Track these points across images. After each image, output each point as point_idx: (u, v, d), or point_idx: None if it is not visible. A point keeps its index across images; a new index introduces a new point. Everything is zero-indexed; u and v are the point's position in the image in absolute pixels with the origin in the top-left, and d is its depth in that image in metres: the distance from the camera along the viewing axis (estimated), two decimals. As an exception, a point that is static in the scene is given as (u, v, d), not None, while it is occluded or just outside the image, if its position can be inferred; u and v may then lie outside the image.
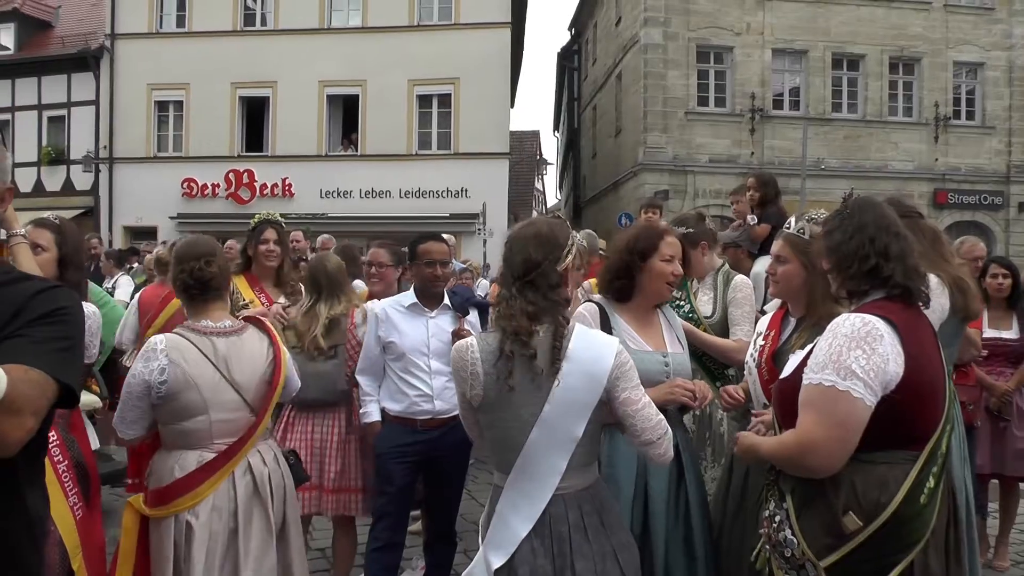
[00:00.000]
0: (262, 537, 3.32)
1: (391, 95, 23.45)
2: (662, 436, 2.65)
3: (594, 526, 2.71)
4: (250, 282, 5.17)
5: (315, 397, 4.54)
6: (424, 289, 4.49)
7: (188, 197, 24.53)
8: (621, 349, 2.70)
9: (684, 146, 23.41)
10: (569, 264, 2.76)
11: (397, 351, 4.42)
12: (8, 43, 27.20)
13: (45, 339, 1.77)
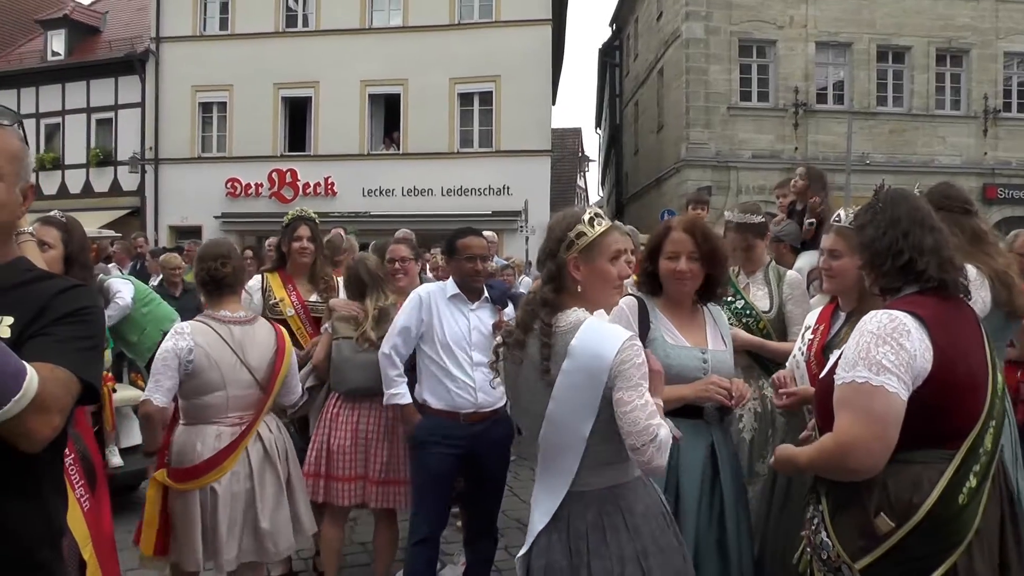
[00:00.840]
0: (275, 492, 3.99)
1: (432, 93, 23.95)
2: (646, 444, 2.53)
3: (614, 527, 2.69)
4: (283, 280, 5.27)
5: (363, 385, 4.72)
6: (465, 284, 4.52)
7: (232, 197, 25.35)
8: (627, 346, 2.61)
9: (727, 142, 23.49)
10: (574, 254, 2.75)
11: (439, 341, 4.43)
12: (59, 48, 28.40)
13: (69, 338, 1.86)
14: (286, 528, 4.02)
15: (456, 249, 4.52)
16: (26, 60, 29.14)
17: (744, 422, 4.32)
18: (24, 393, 1.66)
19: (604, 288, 2.81)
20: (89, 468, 3.41)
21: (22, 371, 1.67)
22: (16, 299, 1.88)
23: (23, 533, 1.87)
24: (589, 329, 2.68)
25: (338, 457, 4.72)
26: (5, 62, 29.45)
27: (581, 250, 2.75)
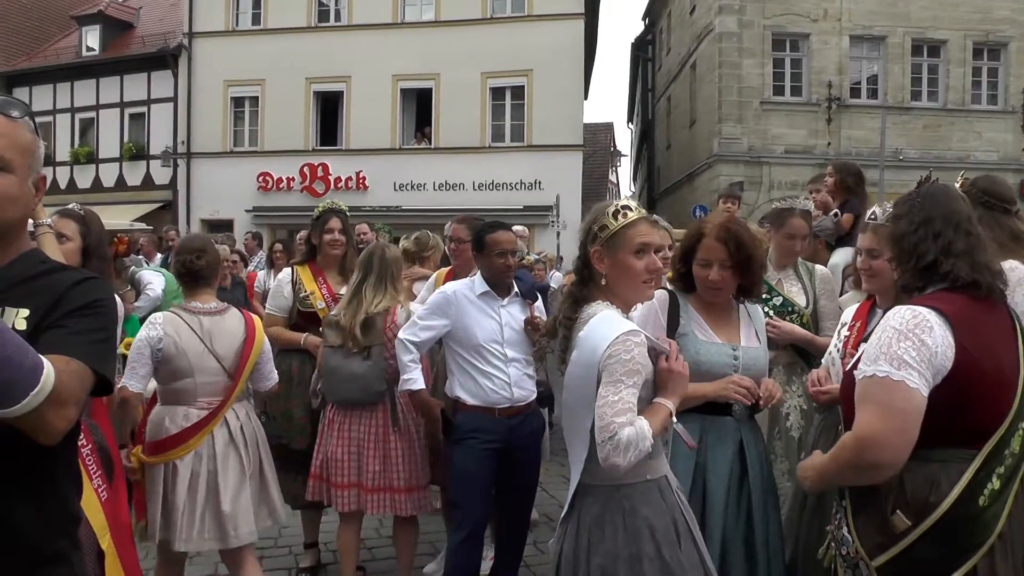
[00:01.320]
0: (237, 477, 4.18)
1: (464, 88, 24.17)
2: (604, 440, 2.54)
3: (614, 525, 2.70)
4: (313, 272, 5.34)
5: (351, 398, 4.71)
6: (494, 280, 4.48)
7: (263, 191, 25.79)
8: (618, 339, 2.62)
9: (759, 137, 23.55)
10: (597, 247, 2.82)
11: (471, 342, 4.41)
12: (93, 44, 29.08)
13: (83, 330, 1.89)
14: (246, 514, 4.18)
15: (485, 244, 4.46)
16: (62, 55, 29.84)
17: (791, 420, 4.33)
18: (42, 387, 1.68)
19: (629, 282, 2.81)
20: (106, 458, 3.47)
21: (39, 366, 1.69)
22: (31, 291, 1.92)
23: (39, 523, 1.90)
24: (595, 322, 2.73)
25: (333, 464, 4.76)
26: (41, 58, 30.19)
27: (604, 242, 2.79)
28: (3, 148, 1.90)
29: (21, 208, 1.98)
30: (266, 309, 5.46)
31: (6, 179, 1.90)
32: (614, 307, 2.80)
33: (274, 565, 5.60)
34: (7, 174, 1.90)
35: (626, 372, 2.58)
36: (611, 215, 2.80)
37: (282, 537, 6.09)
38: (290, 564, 5.64)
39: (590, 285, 2.86)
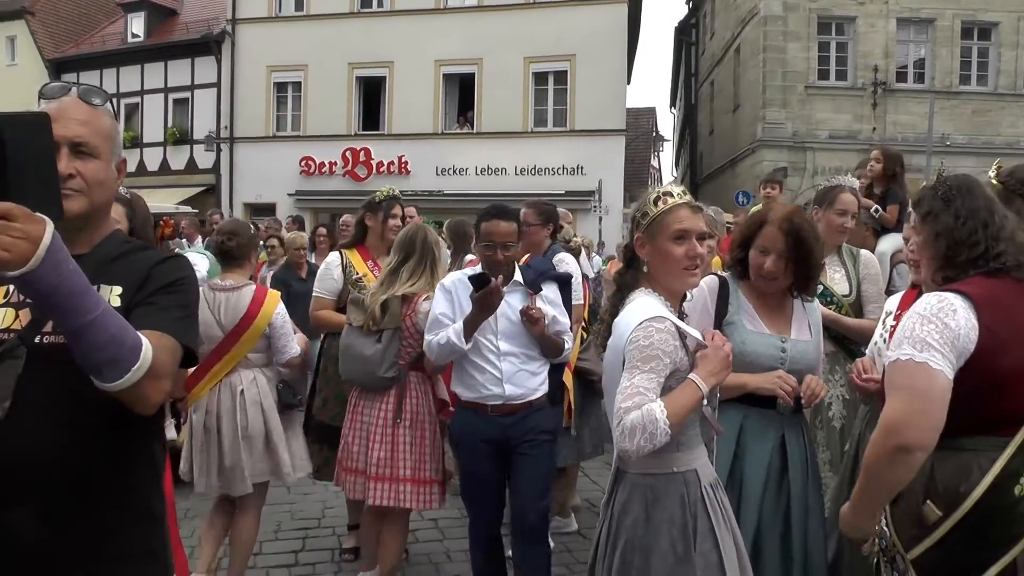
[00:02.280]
0: (232, 434, 4.64)
1: (507, 73, 24.58)
2: (615, 427, 2.59)
3: (635, 515, 2.72)
4: (363, 255, 5.38)
5: (357, 380, 4.76)
6: (490, 271, 4.20)
7: (306, 175, 26.52)
8: (641, 325, 2.64)
9: (803, 122, 23.55)
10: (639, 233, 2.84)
11: None
12: (138, 31, 30.08)
13: (171, 306, 2.01)
14: (241, 469, 4.63)
15: (478, 233, 4.32)
16: (108, 42, 30.96)
17: (834, 410, 4.27)
18: (141, 363, 1.81)
19: (669, 268, 2.79)
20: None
21: (139, 342, 1.82)
22: (120, 270, 2.04)
23: (142, 484, 2.11)
24: (627, 308, 2.77)
25: (345, 447, 4.82)
26: (88, 44, 31.28)
27: (645, 229, 2.80)
28: (89, 135, 2.01)
29: (108, 191, 2.10)
30: (315, 292, 5.44)
31: (95, 164, 2.02)
32: (656, 295, 2.80)
33: (317, 545, 5.82)
34: (94, 159, 2.02)
35: (642, 358, 2.59)
36: (652, 201, 2.81)
37: (325, 518, 6.33)
38: (333, 544, 5.80)
39: (635, 272, 2.88)
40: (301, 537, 5.94)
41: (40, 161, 1.63)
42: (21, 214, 1.56)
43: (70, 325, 1.71)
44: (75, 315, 1.69)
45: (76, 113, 1.99)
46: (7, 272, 1.58)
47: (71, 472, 1.92)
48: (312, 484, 6.39)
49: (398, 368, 4.64)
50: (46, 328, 1.93)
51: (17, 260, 1.56)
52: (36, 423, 1.89)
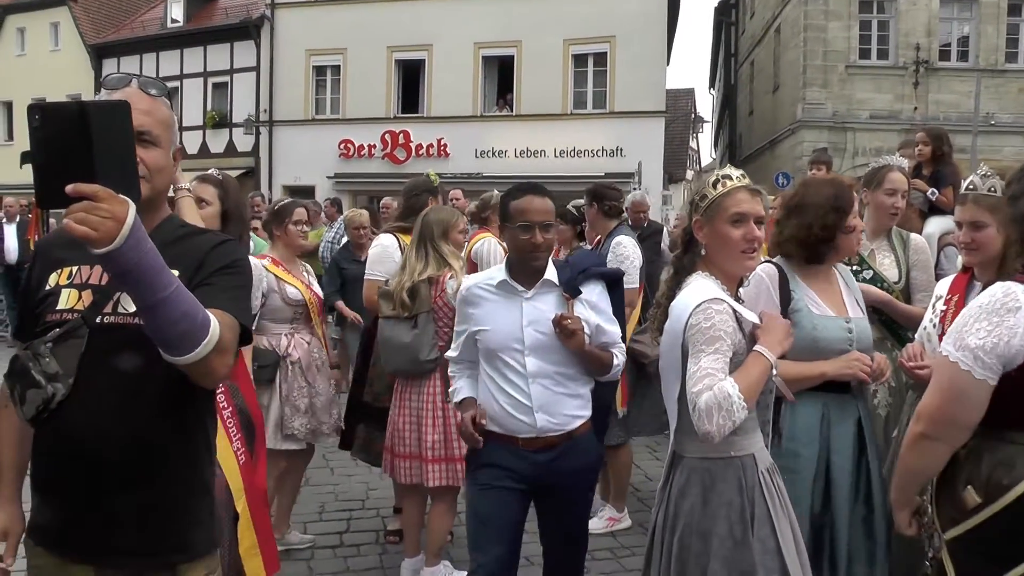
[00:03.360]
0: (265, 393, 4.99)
1: (546, 55, 24.79)
2: (691, 412, 2.56)
3: (692, 499, 2.72)
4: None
5: (402, 368, 4.78)
6: (518, 261, 3.53)
7: (345, 158, 27.06)
8: (699, 308, 2.64)
9: (844, 102, 23.50)
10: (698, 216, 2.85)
11: (486, 347, 3.53)
12: (178, 16, 30.84)
13: (229, 287, 2.13)
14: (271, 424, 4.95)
15: (509, 214, 3.51)
16: (148, 27, 31.74)
17: (879, 397, 4.20)
18: (211, 338, 1.92)
19: (727, 252, 2.78)
20: (247, 423, 3.65)
21: (208, 318, 1.93)
22: (178, 253, 2.11)
23: (196, 456, 2.27)
24: (683, 292, 2.78)
25: (397, 435, 4.82)
26: (128, 30, 32.14)
27: (703, 211, 2.81)
28: (150, 124, 2.13)
29: (166, 177, 2.24)
30: (367, 274, 5.44)
31: (155, 152, 2.15)
32: (713, 278, 2.80)
33: (362, 527, 5.92)
34: (155, 147, 2.15)
35: (706, 340, 2.60)
36: (711, 184, 2.83)
37: (369, 499, 6.44)
38: (377, 526, 5.90)
39: (692, 256, 2.90)
40: (346, 519, 6.04)
41: (121, 146, 1.73)
42: (106, 196, 1.66)
43: (147, 300, 1.82)
44: (152, 291, 1.80)
45: (138, 103, 2.07)
46: (94, 249, 1.69)
47: (131, 444, 2.08)
48: (356, 465, 6.43)
49: (438, 349, 4.62)
50: (107, 309, 2.09)
51: (104, 238, 1.66)
52: (98, 398, 2.06)
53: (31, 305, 2.21)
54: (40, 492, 2.19)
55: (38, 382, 2.01)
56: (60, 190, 1.64)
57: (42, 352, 2.04)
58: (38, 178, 1.68)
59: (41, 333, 2.10)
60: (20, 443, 2.29)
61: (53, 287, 2.16)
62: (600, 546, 5.43)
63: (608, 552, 5.45)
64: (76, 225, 1.64)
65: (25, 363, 2.04)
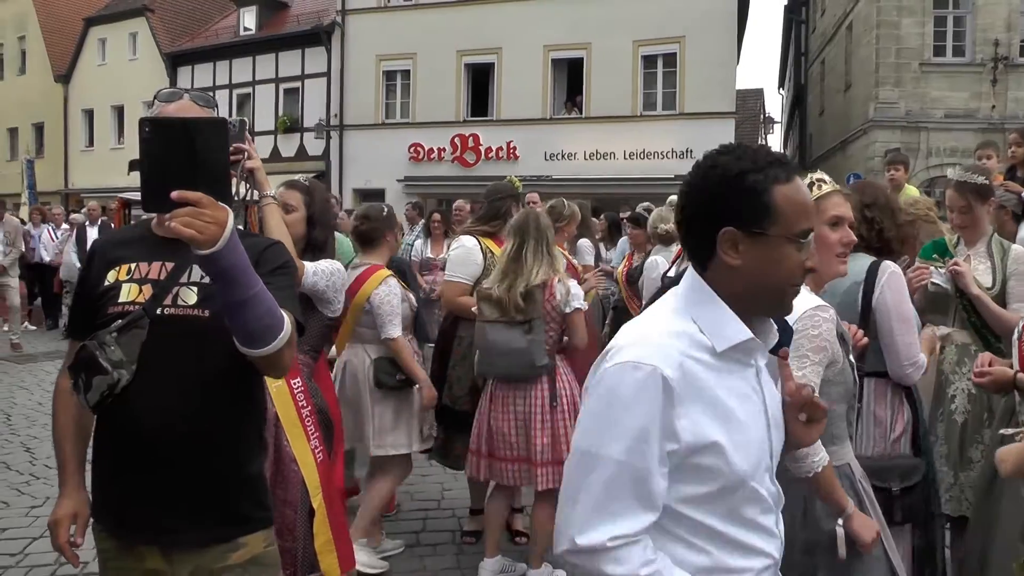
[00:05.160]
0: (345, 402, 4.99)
1: (616, 57, 24.99)
2: None
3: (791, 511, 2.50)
4: (497, 243, 5.45)
5: (512, 373, 4.79)
6: (772, 298, 1.85)
7: (415, 161, 27.69)
8: (808, 314, 2.59)
9: (918, 100, 23.05)
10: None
11: (724, 479, 1.77)
12: (250, 24, 32.00)
13: (284, 287, 2.26)
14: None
15: (773, 207, 1.78)
16: (221, 35, 33.00)
17: (957, 403, 4.20)
18: (286, 331, 2.11)
19: (823, 254, 2.73)
20: (326, 422, 3.83)
21: (282, 314, 2.11)
22: None
23: (248, 436, 2.41)
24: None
25: (499, 439, 4.86)
26: (202, 38, 33.41)
27: None
28: None
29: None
30: (448, 275, 5.51)
31: None
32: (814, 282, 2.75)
33: (437, 527, 6.02)
34: None
35: (812, 348, 2.57)
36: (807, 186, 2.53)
37: (444, 499, 6.56)
38: (453, 527, 5.99)
39: None
40: (421, 518, 6.15)
41: (218, 158, 1.88)
42: (209, 202, 1.80)
43: (239, 297, 1.98)
44: (244, 288, 1.97)
45: (196, 113, 2.28)
46: (199, 251, 1.83)
47: (189, 429, 2.22)
48: (430, 466, 6.46)
49: (547, 354, 4.74)
50: (167, 301, 2.26)
51: (208, 241, 1.82)
52: (158, 385, 2.20)
53: (89, 302, 2.34)
54: (104, 477, 2.35)
55: (104, 368, 2.17)
56: (164, 195, 1.79)
57: (107, 341, 2.19)
58: (144, 184, 1.84)
59: (103, 325, 2.24)
60: (79, 434, 2.45)
61: (113, 283, 2.31)
62: None
63: None
64: (183, 228, 1.79)
65: (92, 351, 2.19)
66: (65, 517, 2.37)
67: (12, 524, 5.98)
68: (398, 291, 5.02)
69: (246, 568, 2.33)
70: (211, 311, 2.24)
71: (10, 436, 8.45)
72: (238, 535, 2.33)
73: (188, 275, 2.29)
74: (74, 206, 25.28)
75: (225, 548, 2.30)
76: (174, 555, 2.28)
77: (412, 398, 5.07)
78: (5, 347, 13.66)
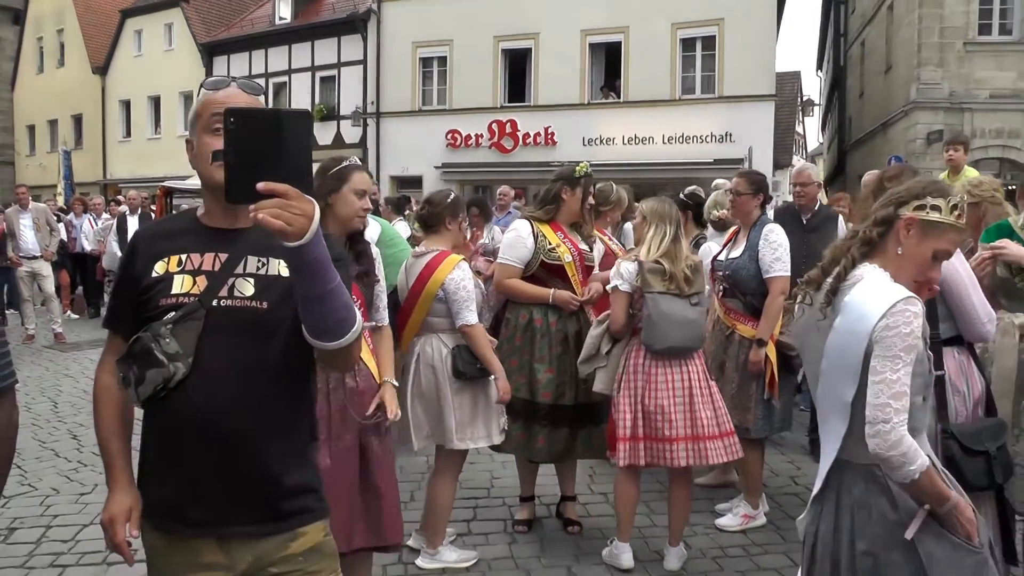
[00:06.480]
0: (403, 395, 4.75)
1: (653, 40, 24.89)
2: (878, 422, 2.43)
3: (881, 510, 2.56)
4: (553, 227, 5.44)
5: (682, 344, 4.83)
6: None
7: (452, 147, 27.84)
8: (897, 309, 2.46)
9: (962, 81, 22.69)
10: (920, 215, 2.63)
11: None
12: (285, 13, 32.27)
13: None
14: (406, 431, 4.84)
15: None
16: (256, 25, 33.26)
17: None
18: (357, 325, 2.11)
19: (911, 273, 2.64)
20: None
21: (355, 308, 2.11)
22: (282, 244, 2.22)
23: (302, 426, 2.38)
24: (864, 286, 2.59)
25: (659, 418, 4.81)
26: (238, 28, 33.73)
27: (926, 220, 2.63)
28: None
29: None
30: (501, 259, 5.50)
31: None
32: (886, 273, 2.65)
33: (488, 515, 5.99)
34: None
35: (905, 347, 2.45)
36: (951, 206, 2.63)
37: (493, 488, 6.54)
38: (504, 515, 5.96)
39: (877, 247, 2.70)
40: (472, 507, 6.12)
41: (302, 150, 1.86)
42: (296, 195, 1.81)
43: (322, 289, 1.99)
44: (325, 281, 1.98)
45: (244, 100, 2.25)
46: (287, 243, 1.84)
47: (246, 421, 2.20)
48: (477, 453, 6.24)
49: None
50: (222, 293, 2.22)
51: (298, 233, 1.83)
52: (215, 376, 2.18)
53: (134, 293, 2.30)
54: (155, 471, 2.31)
55: (160, 361, 2.15)
56: (249, 186, 1.79)
57: (162, 333, 2.17)
58: (229, 174, 1.84)
59: (155, 317, 2.22)
60: (125, 429, 2.42)
61: (163, 274, 2.26)
62: (732, 543, 5.52)
63: (741, 550, 5.43)
64: (273, 220, 1.80)
65: (147, 344, 2.17)
66: (121, 514, 2.30)
67: (62, 511, 6.06)
68: (471, 275, 4.93)
69: (306, 557, 2.32)
70: (269, 303, 2.23)
71: (57, 424, 8.60)
72: (296, 526, 2.32)
73: (243, 266, 2.26)
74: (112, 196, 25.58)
75: (284, 538, 2.30)
76: (232, 547, 2.27)
77: (489, 389, 4.95)
78: (49, 336, 13.88)
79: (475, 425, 4.97)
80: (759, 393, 5.56)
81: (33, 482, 6.67)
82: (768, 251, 5.52)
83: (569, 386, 5.31)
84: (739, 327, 5.65)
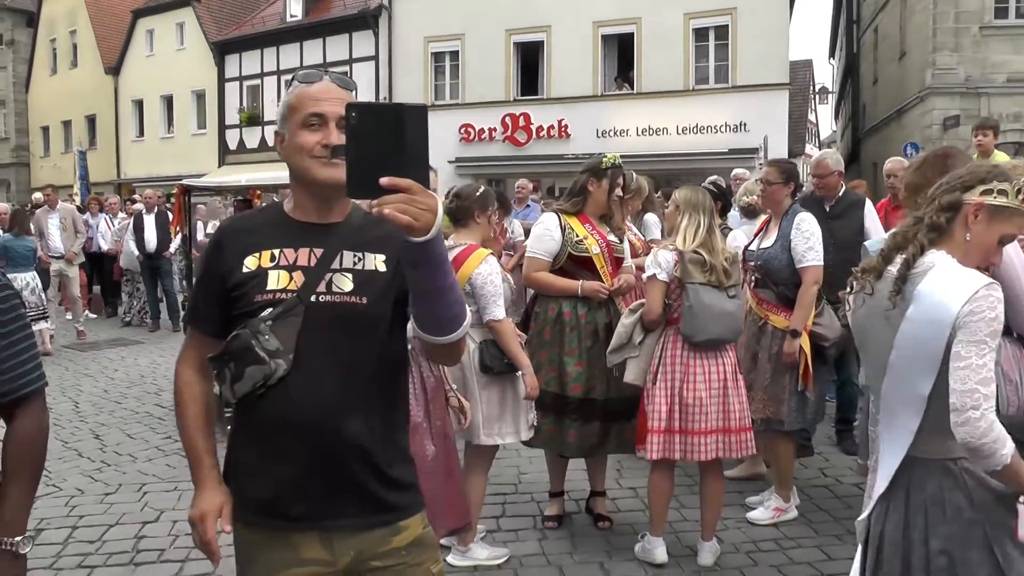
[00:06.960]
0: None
1: (666, 31, 24.78)
2: (967, 408, 2.34)
3: (956, 505, 2.49)
4: (580, 219, 5.41)
5: (720, 336, 4.82)
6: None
7: (466, 142, 27.77)
8: (981, 295, 2.40)
9: (978, 66, 22.46)
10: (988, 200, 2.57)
11: None
12: (296, 11, 32.21)
13: None
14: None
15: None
16: (267, 22, 33.22)
17: None
18: (467, 320, 2.13)
19: (978, 257, 2.60)
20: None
21: (465, 303, 2.12)
22: (375, 238, 2.27)
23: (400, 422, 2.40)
24: (940, 273, 2.52)
25: (695, 411, 4.81)
26: (249, 26, 33.71)
27: (993, 205, 2.58)
28: None
29: None
30: (529, 253, 5.48)
31: None
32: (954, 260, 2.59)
33: (517, 511, 5.97)
34: None
35: (990, 333, 2.39)
36: (1016, 190, 2.59)
37: (521, 483, 6.52)
38: (532, 511, 5.93)
39: (944, 232, 2.63)
40: (500, 503, 6.09)
41: (421, 144, 1.82)
42: (419, 190, 1.78)
43: (442, 283, 2.00)
44: (445, 275, 1.99)
45: (338, 94, 2.22)
46: (413, 238, 1.84)
47: (348, 416, 2.20)
48: (504, 448, 5.99)
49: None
50: (320, 288, 2.20)
51: (424, 228, 1.81)
52: (316, 373, 2.18)
53: (221, 289, 2.27)
54: (250, 469, 2.29)
55: (262, 359, 2.14)
56: (370, 181, 1.78)
57: (262, 330, 2.16)
58: (351, 169, 1.81)
59: (250, 314, 2.20)
60: (210, 426, 2.40)
61: (255, 269, 2.24)
62: (764, 536, 5.49)
63: (773, 544, 5.40)
64: (399, 215, 1.78)
65: (247, 340, 2.16)
66: (212, 511, 2.29)
67: (88, 511, 6.07)
68: (499, 270, 4.89)
69: (409, 550, 2.32)
70: (368, 298, 2.21)
71: (79, 423, 8.60)
72: (399, 519, 2.31)
73: (339, 261, 2.24)
74: (127, 195, 25.65)
75: (387, 532, 2.29)
76: (335, 541, 2.25)
77: (518, 384, 4.93)
78: (69, 336, 13.91)
79: (503, 420, 4.96)
80: (792, 385, 5.50)
81: (57, 483, 6.66)
82: (801, 240, 5.48)
83: (600, 380, 5.25)
84: (772, 318, 5.62)
